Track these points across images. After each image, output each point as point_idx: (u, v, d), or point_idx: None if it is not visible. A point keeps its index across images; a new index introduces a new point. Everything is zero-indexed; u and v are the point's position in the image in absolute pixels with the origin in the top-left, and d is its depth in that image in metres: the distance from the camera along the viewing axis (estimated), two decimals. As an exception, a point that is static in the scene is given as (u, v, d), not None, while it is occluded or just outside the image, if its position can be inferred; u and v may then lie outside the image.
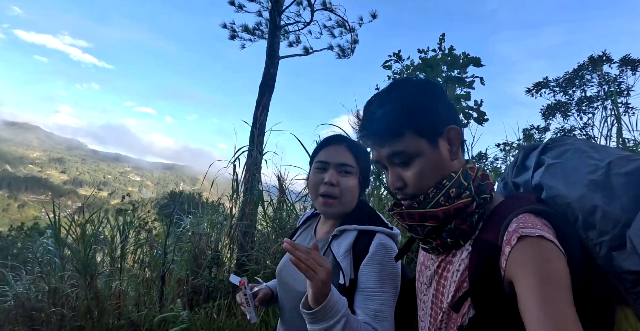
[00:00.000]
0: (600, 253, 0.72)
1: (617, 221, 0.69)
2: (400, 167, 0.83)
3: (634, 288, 0.67)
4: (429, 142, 0.80)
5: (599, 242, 0.72)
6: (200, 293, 3.88)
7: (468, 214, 0.79)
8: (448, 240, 0.80)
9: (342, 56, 7.33)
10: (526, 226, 0.69)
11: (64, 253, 3.38)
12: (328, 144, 1.27)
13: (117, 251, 4.12)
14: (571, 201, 0.75)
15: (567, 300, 0.62)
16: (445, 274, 0.82)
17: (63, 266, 3.36)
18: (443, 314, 0.80)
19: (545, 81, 9.76)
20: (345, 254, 1.13)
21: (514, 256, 0.67)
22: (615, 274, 0.70)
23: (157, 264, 4.22)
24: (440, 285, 0.83)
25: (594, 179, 0.74)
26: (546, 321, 0.59)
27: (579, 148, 0.82)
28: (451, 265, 0.81)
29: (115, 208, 4.93)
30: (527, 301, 0.63)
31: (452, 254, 0.82)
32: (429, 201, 0.80)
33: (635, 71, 8.91)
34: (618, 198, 0.70)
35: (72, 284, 3.35)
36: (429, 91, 0.83)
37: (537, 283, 0.63)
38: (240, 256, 3.76)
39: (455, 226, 0.79)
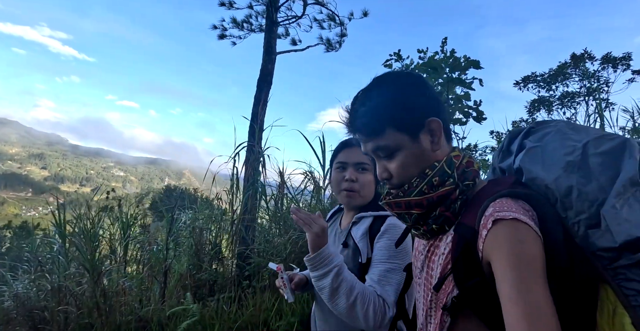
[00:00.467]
0: (579, 232, 0.73)
1: (593, 201, 0.70)
2: (385, 159, 0.89)
3: (611, 265, 0.68)
4: (410, 136, 0.85)
5: (577, 221, 0.73)
6: (203, 287, 3.96)
7: (451, 201, 0.83)
8: (434, 226, 0.85)
9: (330, 49, 7.37)
10: (502, 209, 0.72)
11: (69, 251, 3.40)
12: (345, 146, 1.46)
13: (119, 248, 4.16)
14: (548, 183, 0.77)
15: (540, 279, 0.64)
16: (433, 258, 0.87)
17: (68, 263, 3.38)
18: (432, 294, 0.85)
19: (533, 75, 10.05)
20: (362, 236, 1.31)
21: (489, 239, 0.71)
22: (592, 252, 0.71)
23: (157, 260, 4.27)
24: (430, 268, 0.88)
25: (571, 161, 0.75)
26: (518, 299, 0.62)
27: (559, 130, 0.84)
28: (438, 249, 0.86)
29: (100, 204, 4.93)
30: (501, 281, 0.66)
31: (439, 239, 0.87)
32: (412, 190, 0.85)
33: (616, 69, 9.24)
34: (595, 178, 0.71)
35: (78, 282, 3.38)
36: (409, 86, 0.87)
37: (511, 263, 0.66)
38: (243, 249, 3.84)
39: (439, 213, 0.84)
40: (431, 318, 0.86)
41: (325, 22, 6.96)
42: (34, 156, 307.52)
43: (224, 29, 6.71)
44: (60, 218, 3.22)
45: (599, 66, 8.82)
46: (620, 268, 0.66)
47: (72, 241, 3.37)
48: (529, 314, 0.61)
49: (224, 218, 4.45)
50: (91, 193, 3.93)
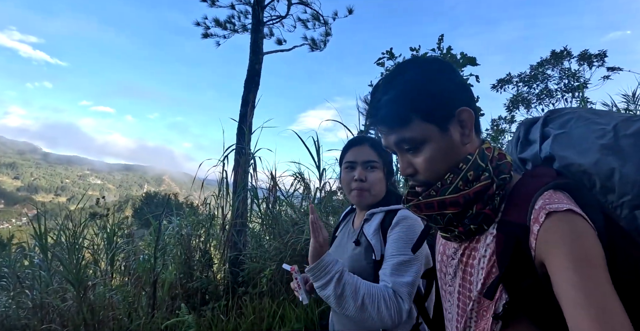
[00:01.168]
0: (623, 215, 0.71)
1: (635, 181, 0.69)
2: (409, 153, 0.80)
3: None
4: (438, 127, 0.77)
5: (620, 204, 0.71)
6: (195, 296, 3.81)
7: (489, 197, 0.77)
8: (471, 226, 0.77)
9: (314, 49, 7.33)
10: (552, 202, 0.68)
11: (51, 265, 3.21)
12: (353, 145, 1.43)
13: (104, 259, 3.97)
14: (587, 167, 0.74)
15: (605, 277, 0.60)
16: (471, 262, 0.80)
17: (50, 278, 3.18)
18: (473, 303, 0.78)
19: (508, 77, 10.26)
20: (374, 233, 1.29)
21: (543, 235, 0.66)
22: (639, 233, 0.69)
23: (145, 271, 4.10)
24: (467, 274, 0.81)
25: (605, 144, 0.73)
26: (585, 303, 0.57)
27: (581, 115, 0.81)
28: (476, 252, 0.79)
29: (84, 213, 4.71)
30: (562, 284, 0.61)
31: (476, 240, 0.80)
32: (447, 187, 0.78)
33: (592, 66, 9.53)
34: (630, 159, 0.70)
35: (63, 297, 3.19)
36: (437, 72, 0.80)
37: (572, 263, 0.61)
38: (236, 255, 3.71)
39: (477, 211, 0.77)
40: (470, 328, 0.79)
41: (310, 21, 6.93)
42: (5, 165, 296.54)
43: (206, 27, 6.58)
44: (40, 229, 3.03)
45: (577, 63, 9.08)
46: None
47: (54, 254, 3.17)
48: (600, 318, 0.56)
49: (213, 223, 4.31)
50: (67, 202, 3.70)
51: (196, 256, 4.09)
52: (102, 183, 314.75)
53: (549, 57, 9.35)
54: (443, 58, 0.86)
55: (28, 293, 3.40)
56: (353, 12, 6.55)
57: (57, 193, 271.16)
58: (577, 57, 8.99)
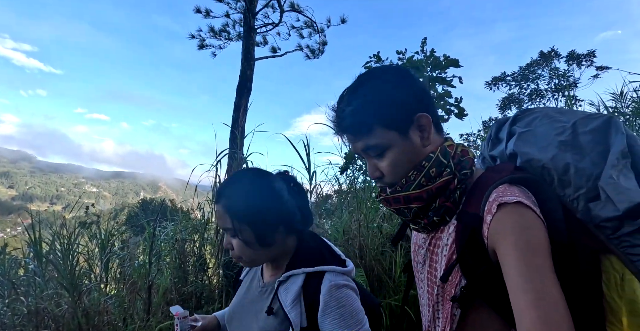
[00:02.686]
0: (579, 208, 0.75)
1: (589, 175, 0.73)
2: (375, 158, 0.88)
3: (615, 233, 0.70)
4: (399, 133, 0.84)
5: (576, 197, 0.76)
6: (189, 300, 3.83)
7: (450, 191, 0.83)
8: (434, 218, 0.84)
9: (311, 57, 7.42)
10: (505, 194, 0.73)
11: (45, 271, 3.22)
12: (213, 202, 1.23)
13: (98, 265, 3.97)
14: (545, 162, 0.79)
15: (547, 266, 0.66)
16: (436, 250, 0.87)
17: (45, 284, 3.20)
18: (438, 288, 0.84)
19: (502, 75, 10.39)
20: (293, 303, 1.02)
21: (494, 225, 0.72)
22: (595, 225, 0.73)
23: (140, 276, 4.11)
24: (433, 261, 0.88)
25: (563, 140, 0.78)
26: (527, 287, 0.63)
27: (546, 114, 0.87)
28: (440, 241, 0.86)
29: (76, 222, 4.72)
30: (508, 270, 0.67)
31: (441, 230, 0.87)
32: (410, 183, 0.85)
33: (580, 65, 9.67)
34: (587, 155, 0.75)
35: (57, 303, 3.20)
36: (396, 82, 0.86)
37: (517, 251, 0.66)
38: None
39: (439, 204, 0.83)
40: (439, 312, 0.85)
41: (304, 29, 7.03)
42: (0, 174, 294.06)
43: (202, 39, 6.66)
44: (35, 236, 3.05)
45: (565, 63, 9.21)
46: (624, 236, 0.69)
47: (48, 260, 3.19)
48: (537, 301, 0.61)
49: (207, 228, 4.33)
50: (63, 210, 3.71)
51: (191, 261, 4.11)
52: (98, 191, 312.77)
53: (538, 58, 9.48)
54: (404, 66, 0.95)
55: (23, 299, 3.40)
56: (346, 21, 6.62)
57: (52, 202, 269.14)
58: (566, 57, 9.13)
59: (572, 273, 0.72)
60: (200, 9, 6.41)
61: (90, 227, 4.74)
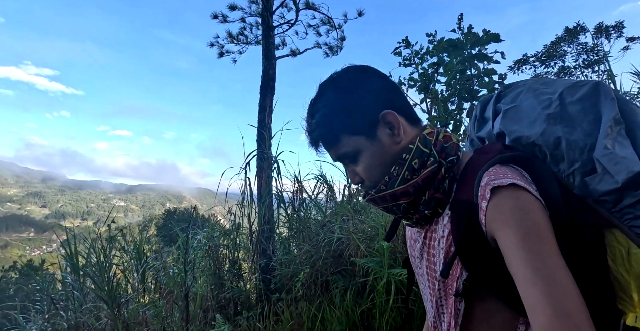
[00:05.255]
0: (575, 183, 0.72)
1: (583, 148, 0.70)
2: (352, 164, 0.85)
3: (616, 206, 0.67)
4: (366, 136, 0.81)
5: (571, 172, 0.72)
6: (227, 306, 3.75)
7: (438, 181, 0.78)
8: (426, 212, 0.79)
9: (330, 54, 7.31)
10: (497, 177, 0.68)
11: (83, 285, 3.19)
12: None
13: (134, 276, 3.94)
14: (534, 139, 0.75)
15: (553, 250, 0.61)
16: (432, 244, 0.82)
17: (84, 298, 3.17)
18: (439, 282, 0.79)
19: (524, 57, 9.99)
20: None
21: (491, 212, 0.67)
22: (594, 199, 0.70)
23: (175, 285, 4.06)
24: (431, 255, 0.83)
25: (551, 113, 0.74)
26: (536, 278, 0.58)
27: (530, 87, 0.82)
28: (436, 233, 0.81)
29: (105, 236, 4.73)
30: (513, 260, 0.62)
31: (435, 222, 0.82)
32: (394, 179, 0.80)
33: (609, 38, 9.20)
34: (578, 126, 0.71)
35: (97, 316, 3.16)
36: (353, 86, 0.83)
37: (520, 239, 0.61)
38: (266, 262, 3.63)
39: (429, 196, 0.78)
40: (443, 307, 0.81)
41: (320, 27, 6.92)
42: (32, 194, 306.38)
43: (221, 46, 6.64)
44: (70, 249, 3.01)
45: (593, 37, 8.77)
46: (626, 208, 0.65)
47: (86, 273, 3.15)
48: (549, 293, 0.57)
49: (240, 232, 4.25)
50: (94, 225, 3.71)
51: (225, 267, 4.04)
52: (126, 204, 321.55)
53: (563, 35, 9.06)
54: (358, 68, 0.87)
55: (63, 314, 3.40)
56: (363, 14, 6.45)
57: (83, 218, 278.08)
58: (594, 31, 8.68)
59: (576, 251, 0.68)
60: (217, 15, 6.41)
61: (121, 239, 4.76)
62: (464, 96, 2.63)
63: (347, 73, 0.87)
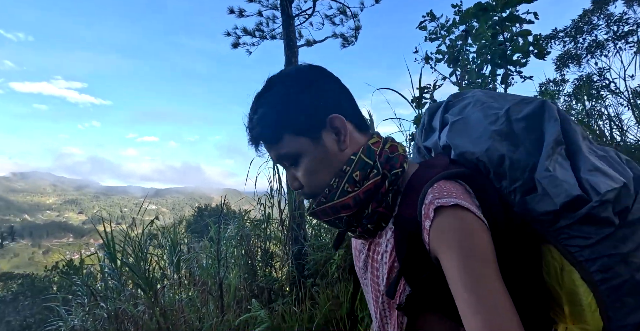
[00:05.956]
0: (515, 200, 0.72)
1: (524, 167, 0.70)
2: (292, 167, 0.80)
3: (552, 226, 0.68)
4: (310, 139, 0.76)
5: (512, 189, 0.72)
6: (261, 294, 3.75)
7: (382, 194, 0.75)
8: (369, 226, 0.76)
9: (346, 44, 7.23)
10: (442, 195, 0.67)
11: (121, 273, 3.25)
12: None
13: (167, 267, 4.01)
14: (479, 155, 0.74)
15: (494, 275, 0.60)
16: (375, 257, 0.79)
17: (122, 285, 3.23)
18: (382, 296, 0.77)
19: (554, 32, 9.52)
20: None
21: (434, 231, 0.65)
22: (532, 218, 0.70)
23: (209, 275, 4.11)
24: (374, 268, 0.80)
25: (497, 130, 0.73)
26: (478, 306, 0.57)
27: (478, 100, 0.81)
28: (379, 247, 0.78)
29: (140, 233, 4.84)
30: (455, 283, 0.61)
31: (379, 235, 0.79)
32: (334, 191, 0.76)
33: (643, 5, 8.63)
34: (521, 144, 0.71)
35: (135, 303, 3.21)
36: (304, 84, 0.77)
37: (462, 262, 0.60)
38: (299, 248, 3.61)
39: (372, 209, 0.75)
40: (387, 318, 0.79)
41: (337, 16, 6.84)
42: (69, 201, 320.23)
43: (237, 36, 6.66)
44: (108, 238, 3.07)
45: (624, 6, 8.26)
46: (562, 228, 0.67)
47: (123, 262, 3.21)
48: (490, 321, 0.56)
49: (270, 221, 4.25)
50: (128, 229, 3.84)
51: (257, 256, 4.04)
52: (157, 208, 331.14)
53: (590, 7, 8.59)
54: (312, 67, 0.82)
55: (103, 305, 3.49)
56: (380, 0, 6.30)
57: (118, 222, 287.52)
58: (624, 0, 8.19)
59: (512, 264, 0.67)
60: (233, 10, 6.42)
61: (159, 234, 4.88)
62: (496, 62, 2.50)
63: (300, 70, 0.81)
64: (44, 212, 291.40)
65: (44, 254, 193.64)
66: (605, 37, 8.66)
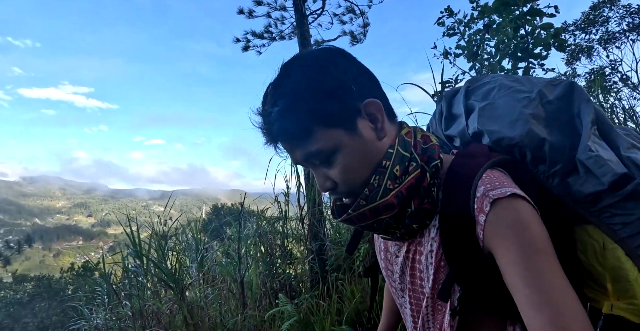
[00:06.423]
0: (554, 183, 0.70)
1: (563, 149, 0.68)
2: (323, 166, 0.70)
3: (595, 206, 0.67)
4: (345, 129, 0.66)
5: (552, 173, 0.70)
6: (283, 290, 3.78)
7: (424, 189, 0.69)
8: (414, 226, 0.70)
9: (355, 42, 7.25)
10: (494, 186, 0.64)
11: (147, 271, 3.31)
12: None
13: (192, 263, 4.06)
14: (519, 140, 0.71)
15: (555, 267, 0.58)
16: (418, 258, 0.74)
17: (147, 283, 3.29)
18: (427, 299, 0.73)
19: (564, 26, 9.45)
20: None
21: (490, 226, 0.62)
22: (574, 200, 0.68)
23: (229, 273, 4.16)
24: (416, 270, 0.75)
25: (532, 113, 0.71)
26: (540, 300, 0.55)
27: (503, 84, 0.78)
28: (421, 247, 0.73)
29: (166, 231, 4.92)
30: (514, 280, 0.59)
31: (420, 234, 0.74)
32: (376, 191, 0.68)
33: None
34: (557, 126, 0.70)
35: (161, 300, 3.27)
36: (327, 65, 0.67)
37: (521, 257, 0.58)
38: (320, 244, 3.64)
39: (416, 208, 0.69)
40: (429, 323, 0.75)
41: (345, 15, 6.88)
42: (78, 205, 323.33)
43: (247, 40, 6.72)
44: (133, 236, 3.13)
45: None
46: (605, 208, 0.66)
47: (149, 259, 3.26)
48: (556, 319, 0.53)
49: (289, 218, 4.28)
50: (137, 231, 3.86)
51: (277, 253, 4.08)
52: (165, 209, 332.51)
53: (601, 0, 8.52)
54: (332, 48, 0.71)
55: (126, 302, 3.53)
56: (385, -2, 6.33)
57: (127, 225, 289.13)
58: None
59: None
60: (243, 10, 6.46)
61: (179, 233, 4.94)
62: (518, 56, 2.50)
63: (319, 52, 0.70)
64: (54, 216, 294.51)
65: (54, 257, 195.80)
66: (617, 29, 8.58)
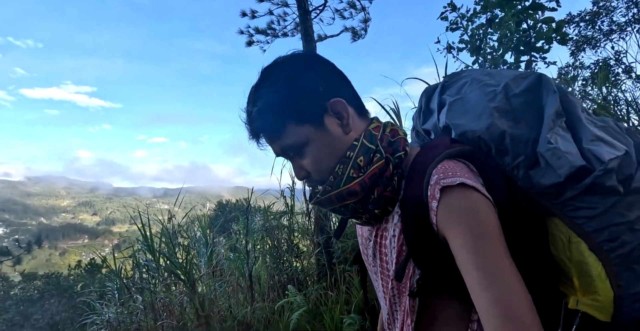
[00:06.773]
0: (519, 175, 0.72)
1: (526, 141, 0.70)
2: (297, 158, 0.79)
3: (558, 199, 0.68)
4: (313, 126, 0.75)
5: (515, 165, 0.72)
6: (291, 283, 3.85)
7: (387, 178, 0.75)
8: (376, 211, 0.76)
9: (356, 38, 7.25)
10: (446, 176, 0.67)
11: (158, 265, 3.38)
12: None
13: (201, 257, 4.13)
14: (480, 133, 0.73)
15: (503, 252, 0.61)
16: (384, 243, 0.79)
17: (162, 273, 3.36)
18: (392, 281, 0.78)
19: (569, 17, 9.39)
20: None
21: (441, 211, 0.66)
22: (537, 192, 0.70)
23: (237, 267, 4.22)
24: (383, 254, 0.80)
25: (496, 106, 0.73)
26: (487, 283, 0.58)
27: (475, 78, 0.80)
28: (386, 232, 0.78)
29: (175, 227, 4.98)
30: (464, 262, 0.62)
31: (385, 220, 0.79)
32: (339, 179, 0.75)
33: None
34: (521, 119, 0.71)
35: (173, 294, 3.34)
36: (298, 71, 0.77)
37: (470, 241, 0.61)
38: (326, 238, 3.70)
39: (378, 195, 0.75)
40: (396, 305, 0.80)
41: (347, 10, 6.87)
42: (83, 204, 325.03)
43: (250, 34, 6.73)
44: (144, 230, 3.19)
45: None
46: (567, 200, 0.67)
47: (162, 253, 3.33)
48: (501, 298, 0.57)
49: (295, 213, 4.34)
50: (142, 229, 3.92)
51: (284, 246, 4.14)
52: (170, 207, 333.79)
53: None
54: (308, 53, 0.83)
55: (137, 296, 3.60)
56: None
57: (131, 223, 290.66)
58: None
59: (519, 239, 0.68)
60: (245, 13, 6.49)
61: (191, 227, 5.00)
62: (520, 49, 2.54)
63: (294, 58, 0.80)
64: (59, 215, 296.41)
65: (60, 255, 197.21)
66: (623, 20, 8.53)
